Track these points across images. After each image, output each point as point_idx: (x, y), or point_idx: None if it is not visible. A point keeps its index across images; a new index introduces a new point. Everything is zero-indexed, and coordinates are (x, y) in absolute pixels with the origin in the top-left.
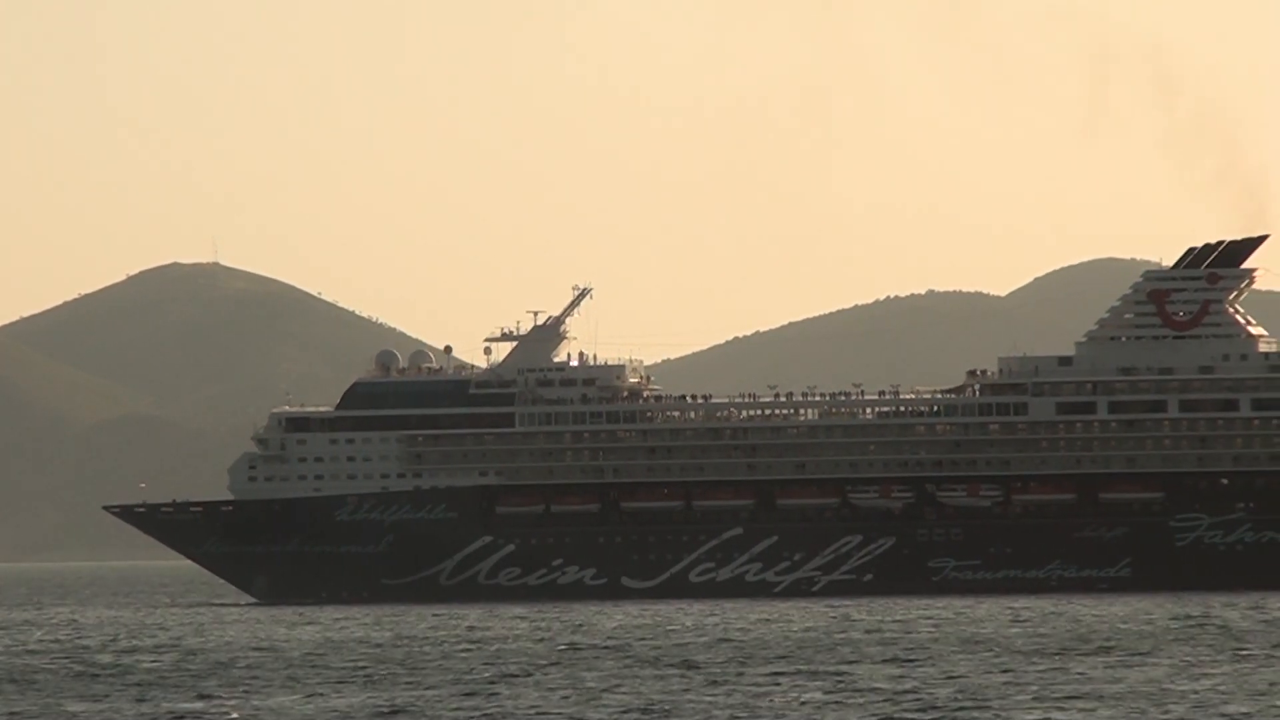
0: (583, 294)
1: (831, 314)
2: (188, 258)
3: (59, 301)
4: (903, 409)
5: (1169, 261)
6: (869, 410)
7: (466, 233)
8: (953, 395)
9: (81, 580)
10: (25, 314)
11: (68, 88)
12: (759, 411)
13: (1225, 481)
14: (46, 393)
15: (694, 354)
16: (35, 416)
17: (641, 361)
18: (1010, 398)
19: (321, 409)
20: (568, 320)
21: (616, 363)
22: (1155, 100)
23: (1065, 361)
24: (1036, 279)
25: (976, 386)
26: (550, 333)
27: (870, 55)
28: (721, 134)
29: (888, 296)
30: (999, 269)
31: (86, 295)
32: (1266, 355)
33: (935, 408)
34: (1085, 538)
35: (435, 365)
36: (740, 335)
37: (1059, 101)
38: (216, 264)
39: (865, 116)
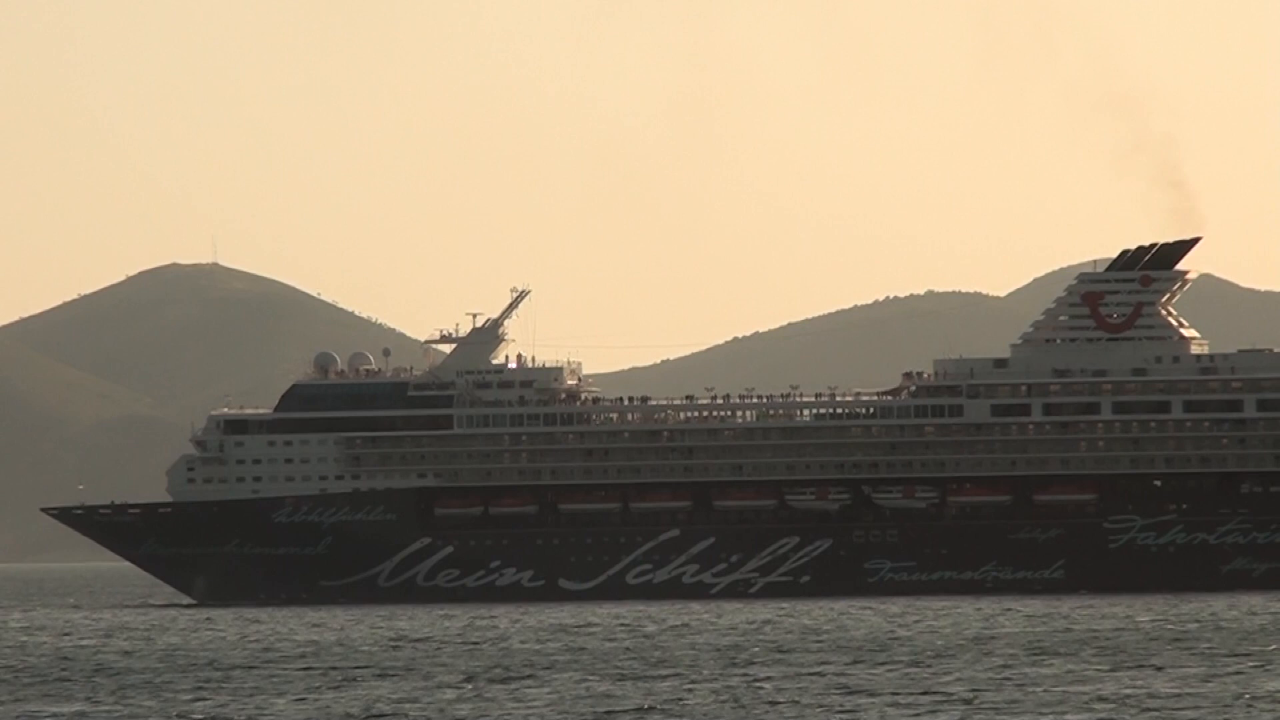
0: (521, 296)
1: (831, 314)
2: (187, 258)
3: (59, 301)
4: (839, 411)
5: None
6: (805, 412)
7: (467, 233)
8: (889, 398)
9: (65, 581)
10: (25, 314)
11: (68, 88)
12: (696, 414)
13: (1158, 484)
14: (46, 393)
15: (694, 354)
16: (35, 416)
17: (580, 364)
18: (945, 400)
19: (260, 411)
20: (506, 323)
21: (554, 365)
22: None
23: (1000, 364)
24: (1036, 279)
25: (912, 389)
26: (488, 335)
27: (870, 55)
28: (720, 133)
29: (888, 296)
30: (999, 269)
31: (86, 295)
32: (1198, 358)
33: (871, 410)
34: (1020, 539)
35: (374, 367)
36: (740, 335)
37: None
38: (216, 264)
39: (866, 115)
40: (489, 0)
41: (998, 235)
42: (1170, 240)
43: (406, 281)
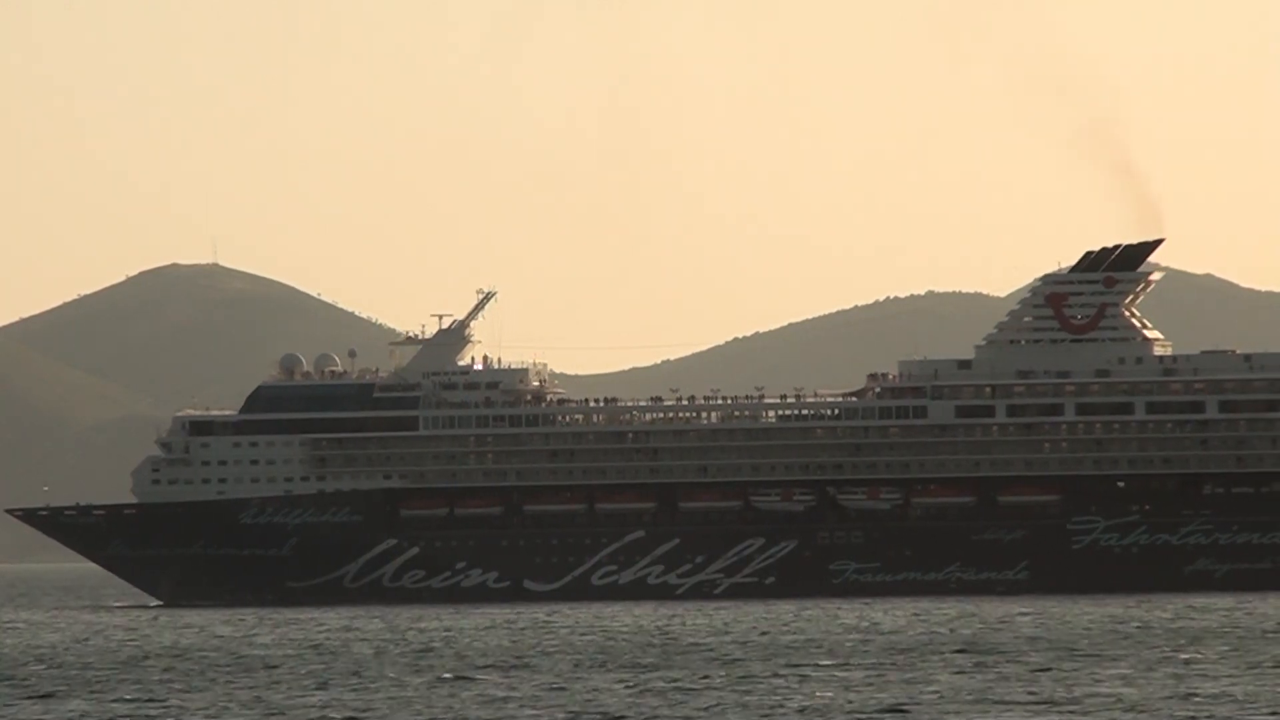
0: (488, 298)
1: (831, 314)
2: (187, 258)
3: (59, 302)
4: (804, 412)
5: (1165, 261)
6: (770, 414)
7: (468, 233)
8: (853, 399)
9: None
10: (25, 314)
11: (68, 88)
12: (661, 415)
13: (1121, 484)
14: (46, 393)
15: (694, 354)
16: (35, 416)
17: (546, 365)
18: (910, 401)
19: (226, 412)
20: (472, 324)
21: (520, 366)
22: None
23: (964, 365)
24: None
25: (877, 390)
26: (454, 337)
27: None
28: (720, 133)
29: (888, 297)
30: (999, 269)
31: (86, 296)
32: (1161, 359)
33: (836, 411)
34: (984, 540)
35: (340, 369)
36: (740, 335)
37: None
38: (216, 264)
39: (865, 115)
40: (482, 4)
41: (998, 235)
42: (1134, 241)
43: (407, 282)
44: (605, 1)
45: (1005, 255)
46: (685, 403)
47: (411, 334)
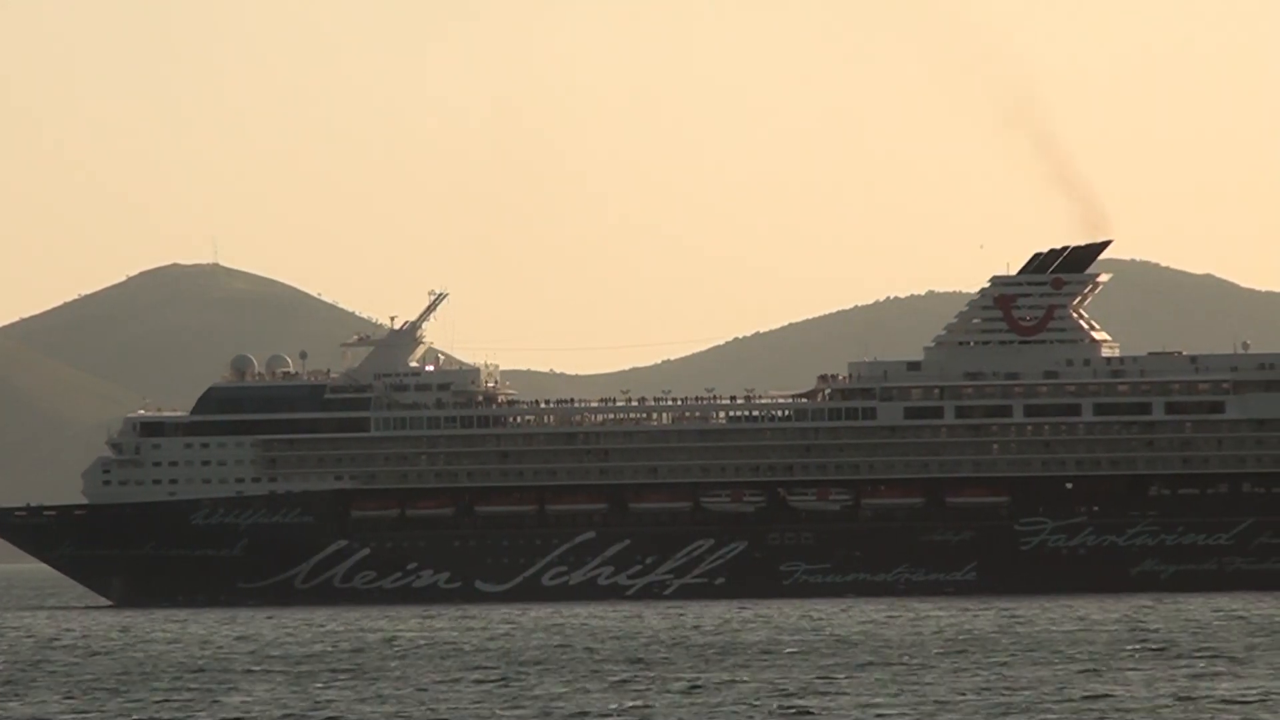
0: (439, 299)
1: (831, 314)
2: (188, 258)
3: (59, 302)
4: (754, 414)
5: (1166, 262)
6: (721, 415)
7: (467, 234)
8: (804, 400)
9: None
10: (25, 314)
11: (67, 88)
12: (612, 416)
13: (1069, 486)
14: (46, 393)
15: (694, 354)
16: (35, 416)
17: (498, 365)
18: (859, 402)
19: (177, 413)
20: (424, 325)
21: (470, 366)
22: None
23: (914, 366)
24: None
25: (827, 391)
26: (406, 338)
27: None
28: (722, 133)
29: (888, 297)
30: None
31: (86, 296)
32: (1108, 360)
33: (786, 413)
34: (932, 541)
35: (291, 370)
36: (740, 335)
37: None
38: (216, 264)
39: (864, 115)
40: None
41: (998, 235)
42: (1081, 243)
43: (407, 282)
44: None
45: (1006, 255)
46: (636, 404)
47: (363, 335)
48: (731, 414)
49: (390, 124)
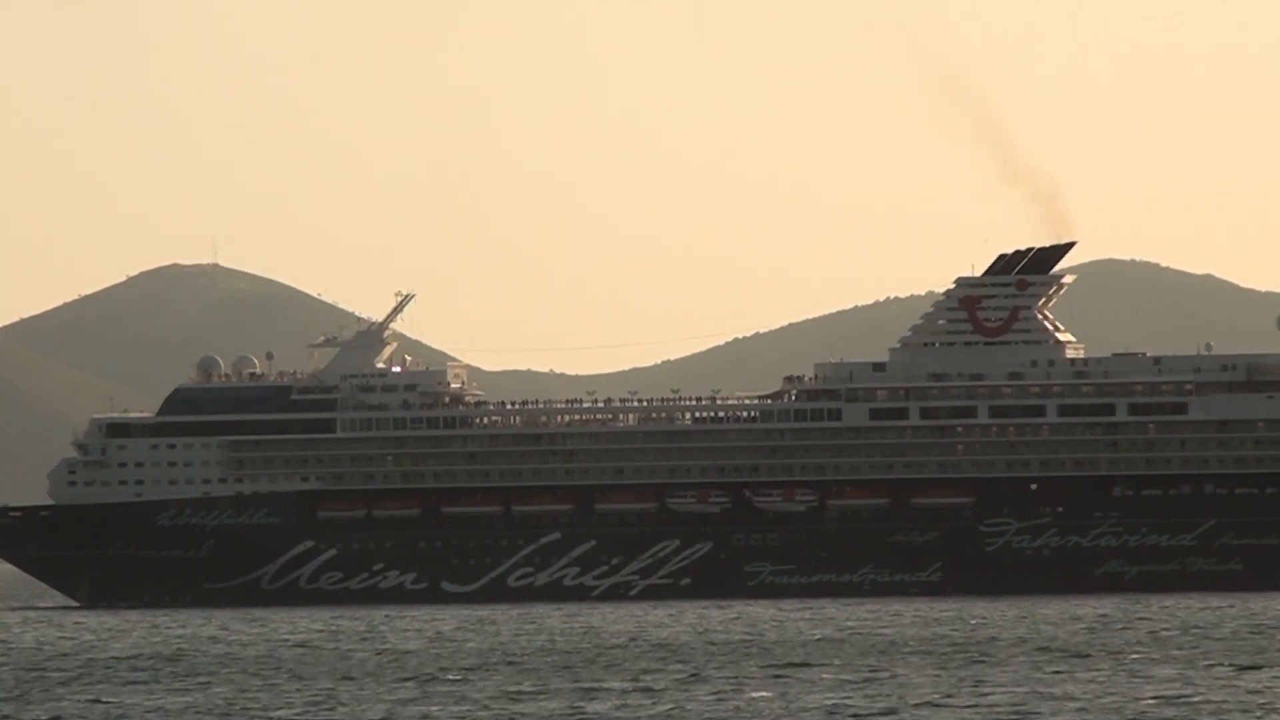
0: (406, 300)
1: (831, 314)
2: (187, 258)
3: (59, 302)
4: (720, 414)
5: (1166, 262)
6: (687, 415)
7: (468, 234)
8: (769, 401)
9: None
10: (25, 314)
11: (67, 88)
12: (578, 416)
13: (1034, 487)
14: (46, 393)
15: (694, 354)
16: (35, 416)
17: (464, 366)
18: (825, 403)
19: (143, 414)
20: (391, 326)
21: (437, 368)
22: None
23: (879, 368)
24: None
25: (793, 392)
26: (372, 339)
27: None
28: (720, 133)
29: (888, 297)
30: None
31: (86, 296)
32: (1073, 362)
33: (752, 414)
34: (897, 542)
35: (258, 370)
36: (740, 335)
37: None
38: (216, 264)
39: (865, 115)
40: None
41: (998, 235)
42: (1046, 245)
43: (407, 282)
44: None
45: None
46: (602, 404)
47: (330, 336)
48: (697, 415)
49: (390, 124)
